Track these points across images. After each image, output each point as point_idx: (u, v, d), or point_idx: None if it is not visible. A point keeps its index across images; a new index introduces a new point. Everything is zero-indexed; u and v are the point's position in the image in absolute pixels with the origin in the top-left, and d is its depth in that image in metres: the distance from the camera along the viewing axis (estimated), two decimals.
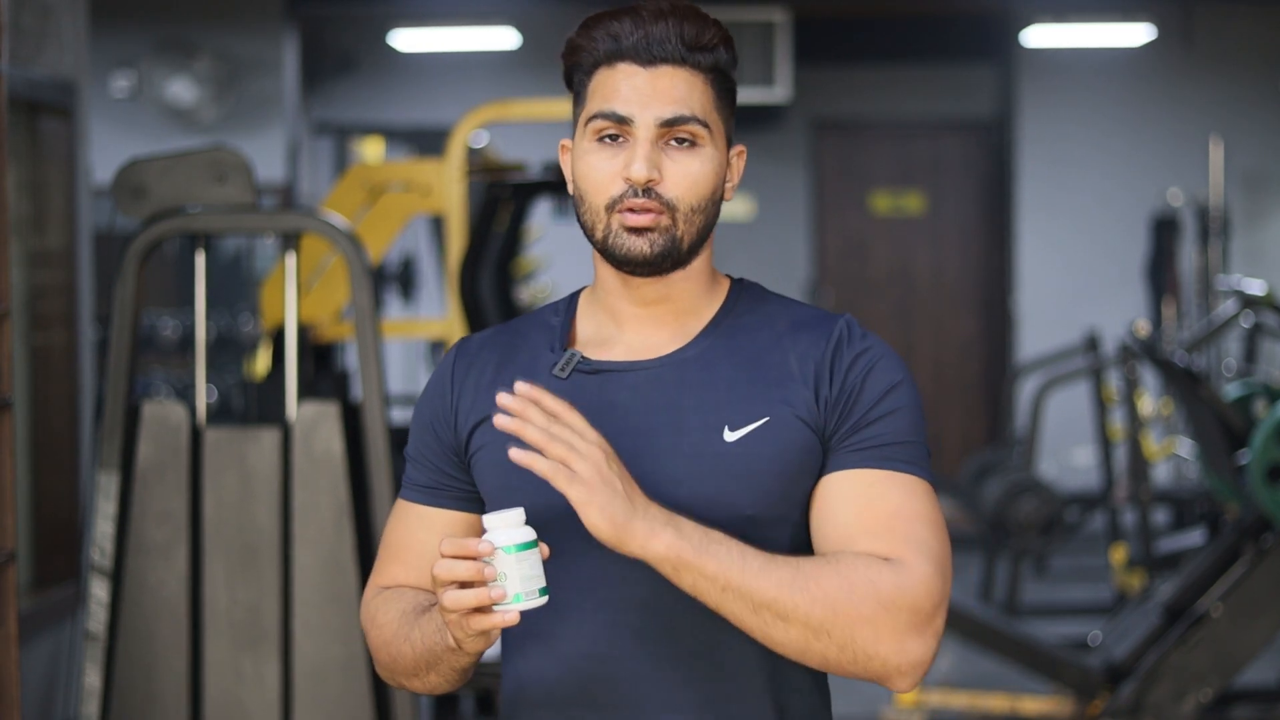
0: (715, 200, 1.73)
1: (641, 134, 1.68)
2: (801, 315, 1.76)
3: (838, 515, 1.67)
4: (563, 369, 1.74)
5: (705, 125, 1.70)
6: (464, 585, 1.58)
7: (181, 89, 7.42)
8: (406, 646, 1.72)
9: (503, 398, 1.59)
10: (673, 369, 1.72)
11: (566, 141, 1.78)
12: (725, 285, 1.79)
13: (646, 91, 1.68)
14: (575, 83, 1.75)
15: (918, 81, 9.62)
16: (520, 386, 1.59)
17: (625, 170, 1.68)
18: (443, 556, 1.58)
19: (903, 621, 1.60)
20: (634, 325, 1.75)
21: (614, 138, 1.70)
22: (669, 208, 1.69)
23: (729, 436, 1.68)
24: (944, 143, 9.70)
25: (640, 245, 1.69)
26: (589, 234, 1.73)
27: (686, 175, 1.69)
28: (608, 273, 1.75)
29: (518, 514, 1.59)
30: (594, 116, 1.70)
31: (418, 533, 1.80)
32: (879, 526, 1.65)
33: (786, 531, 1.70)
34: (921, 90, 9.63)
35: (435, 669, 1.71)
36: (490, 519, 1.59)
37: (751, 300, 1.78)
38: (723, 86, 1.72)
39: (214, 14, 7.67)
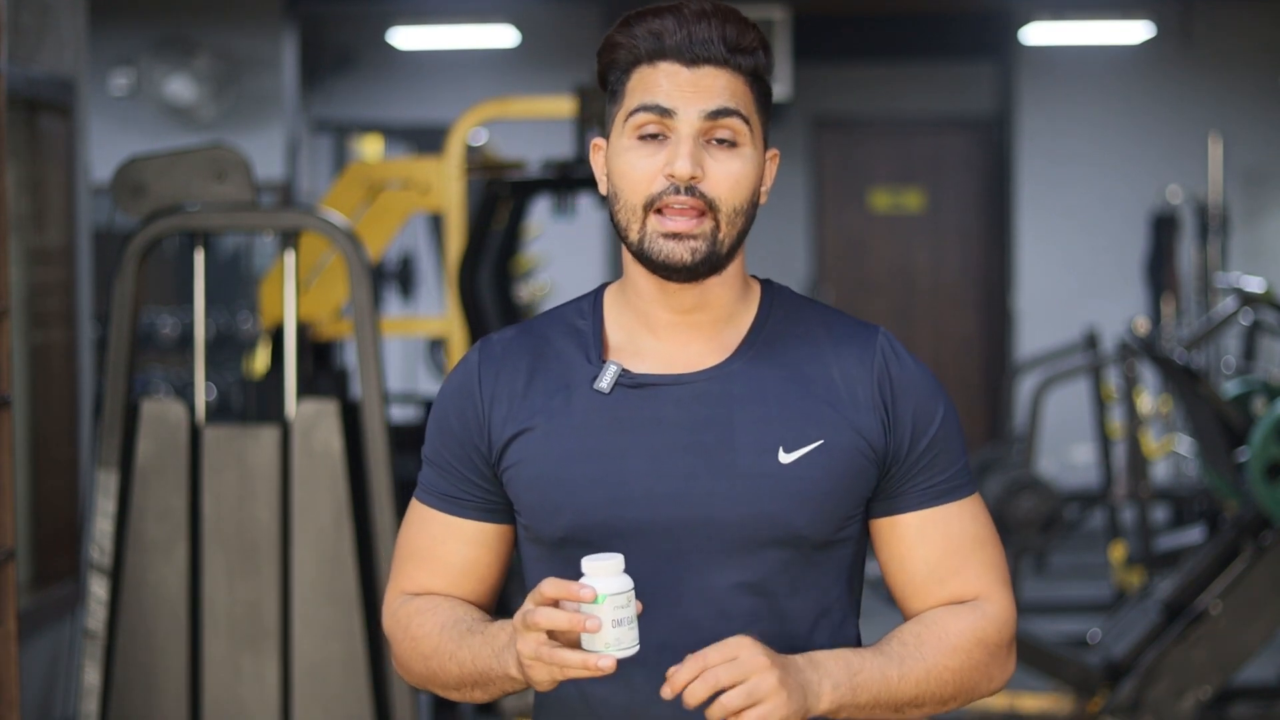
0: (754, 203, 1.70)
1: (685, 129, 1.66)
2: (838, 326, 1.76)
3: (922, 557, 1.73)
4: (605, 382, 1.70)
5: (747, 121, 1.68)
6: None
7: (180, 87, 7.42)
8: (452, 665, 1.70)
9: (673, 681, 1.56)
10: (718, 383, 1.69)
11: (600, 141, 1.75)
12: (756, 289, 1.77)
13: (689, 89, 1.67)
14: (611, 81, 1.72)
15: (917, 79, 9.62)
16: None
17: (668, 166, 1.65)
18: (543, 596, 1.56)
19: (1003, 653, 1.73)
20: (669, 333, 1.72)
21: (654, 136, 1.67)
22: (711, 208, 1.66)
23: (784, 458, 1.67)
24: (943, 140, 9.69)
25: (680, 252, 1.66)
26: (623, 234, 1.69)
27: (729, 175, 1.67)
28: (641, 276, 1.71)
29: (618, 560, 1.56)
30: (636, 110, 1.67)
31: (446, 542, 1.77)
32: (962, 563, 1.73)
33: (841, 551, 1.72)
34: (921, 88, 9.63)
35: (484, 688, 1.69)
36: (590, 564, 1.56)
37: (786, 307, 1.77)
38: (761, 90, 1.71)
39: (213, 12, 7.67)
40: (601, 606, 1.54)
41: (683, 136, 1.66)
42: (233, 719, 3.34)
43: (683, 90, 1.66)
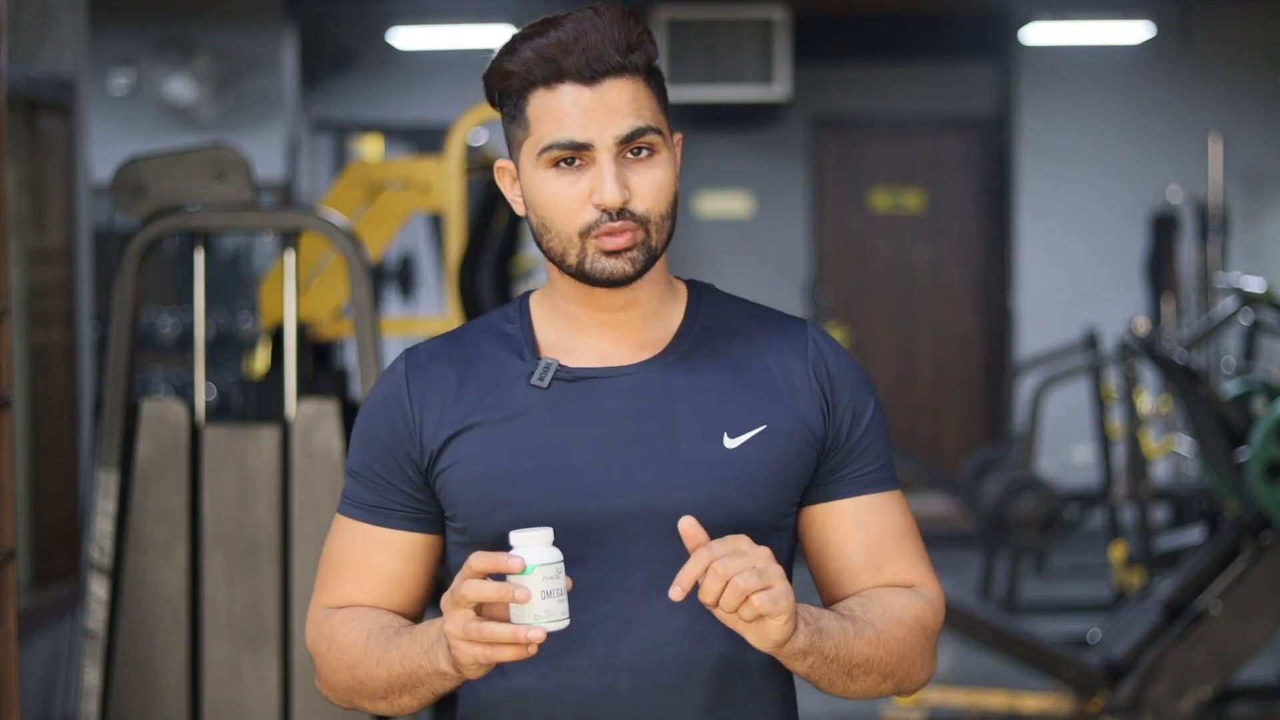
0: (676, 202, 1.70)
1: (603, 156, 1.64)
2: (766, 319, 1.77)
3: (859, 543, 1.73)
4: (541, 377, 1.69)
5: (659, 132, 1.66)
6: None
7: (181, 87, 7.42)
8: (380, 669, 1.67)
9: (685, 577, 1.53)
10: (656, 375, 1.70)
11: (504, 163, 1.72)
12: (682, 287, 1.78)
13: (598, 111, 1.63)
14: (507, 105, 1.68)
15: (917, 79, 9.61)
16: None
17: (595, 196, 1.63)
18: (472, 570, 1.53)
19: (933, 643, 1.74)
20: (600, 331, 1.72)
21: (570, 161, 1.65)
22: (642, 223, 1.65)
23: (729, 443, 1.68)
24: (943, 140, 9.69)
25: (621, 266, 1.65)
26: (558, 260, 1.67)
27: (652, 186, 1.66)
28: (569, 284, 1.71)
29: (547, 533, 1.54)
30: (548, 147, 1.64)
31: (373, 554, 1.74)
32: (896, 551, 1.74)
33: (780, 541, 1.73)
34: (921, 88, 9.63)
35: (412, 691, 1.66)
36: (519, 536, 1.54)
37: (714, 303, 1.77)
38: (657, 83, 1.69)
39: (213, 11, 7.67)
40: (530, 577, 1.52)
41: (603, 164, 1.63)
42: (233, 719, 3.34)
43: (592, 115, 1.63)
